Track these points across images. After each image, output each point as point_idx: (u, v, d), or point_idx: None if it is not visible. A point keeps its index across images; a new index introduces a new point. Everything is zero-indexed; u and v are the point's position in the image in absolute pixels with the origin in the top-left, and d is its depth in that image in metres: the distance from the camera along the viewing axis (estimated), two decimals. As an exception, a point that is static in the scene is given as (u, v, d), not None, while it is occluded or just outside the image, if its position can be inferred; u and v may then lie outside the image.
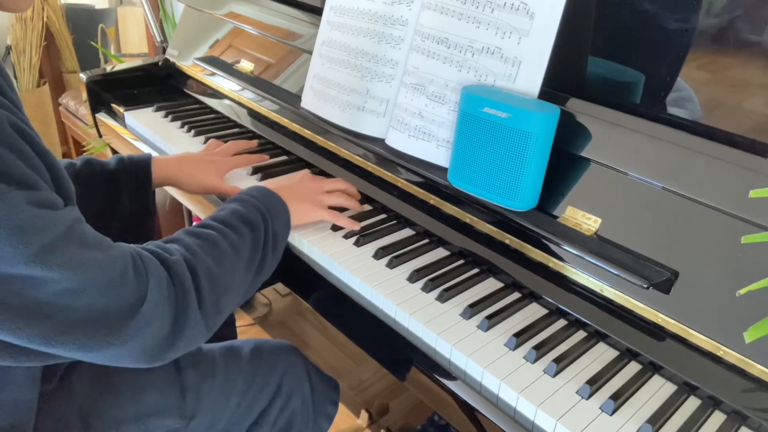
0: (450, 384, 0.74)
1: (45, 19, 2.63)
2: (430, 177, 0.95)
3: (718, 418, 0.67)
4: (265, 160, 1.14)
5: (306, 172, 0.97)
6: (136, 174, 0.99)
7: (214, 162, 1.05)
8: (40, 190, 0.58)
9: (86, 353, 0.62)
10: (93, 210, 0.95)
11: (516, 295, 0.84)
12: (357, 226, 0.94)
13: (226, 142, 1.15)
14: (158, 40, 1.71)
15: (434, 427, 1.43)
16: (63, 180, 0.64)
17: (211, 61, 1.41)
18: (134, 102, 1.42)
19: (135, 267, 0.65)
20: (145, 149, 1.27)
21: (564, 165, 0.84)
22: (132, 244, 0.69)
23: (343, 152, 1.08)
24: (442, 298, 0.81)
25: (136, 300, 0.63)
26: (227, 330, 1.24)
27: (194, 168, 1.03)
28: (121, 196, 0.98)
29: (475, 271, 0.88)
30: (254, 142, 1.20)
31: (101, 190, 0.97)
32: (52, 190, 0.61)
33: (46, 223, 0.57)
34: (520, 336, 0.75)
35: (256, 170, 1.12)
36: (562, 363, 0.71)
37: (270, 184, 0.92)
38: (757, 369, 0.64)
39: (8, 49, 2.65)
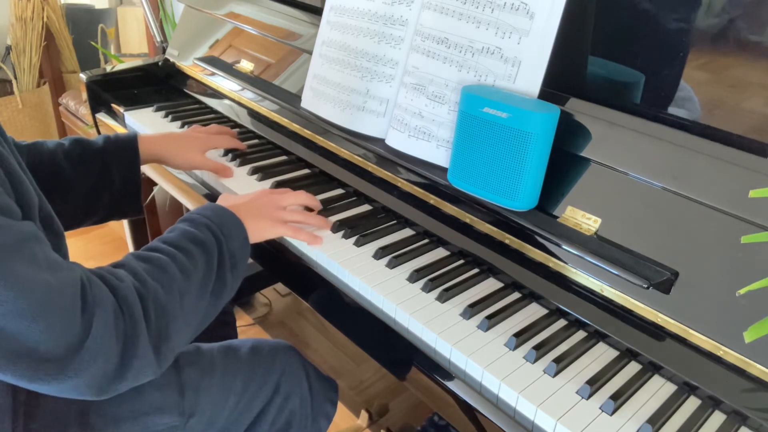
0: (450, 384, 0.74)
1: (45, 19, 2.63)
2: (430, 177, 0.95)
3: (718, 418, 0.67)
4: (242, 146, 1.19)
5: (265, 189, 0.96)
6: (124, 151, 1.01)
7: (197, 139, 1.11)
8: None
9: (28, 383, 0.60)
10: (85, 186, 0.97)
11: (516, 295, 0.84)
12: (319, 241, 0.92)
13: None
14: (158, 40, 1.71)
15: (434, 427, 1.43)
16: (25, 192, 0.63)
17: (211, 61, 1.41)
18: (134, 102, 1.42)
19: (83, 295, 0.62)
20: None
21: (564, 165, 0.84)
22: (81, 268, 0.65)
23: (343, 152, 1.08)
24: (442, 298, 0.81)
25: (82, 332, 0.60)
26: (228, 330, 1.24)
27: (178, 145, 1.09)
28: (111, 173, 1.00)
29: (475, 271, 0.88)
30: (234, 131, 1.24)
31: (92, 168, 0.98)
32: (11, 198, 0.60)
33: None
34: (520, 336, 0.75)
35: (255, 170, 1.12)
36: (562, 363, 0.71)
37: (225, 201, 0.89)
38: (757, 369, 0.64)
39: (8, 49, 2.65)
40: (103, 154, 1.00)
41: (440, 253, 0.93)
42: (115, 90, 1.47)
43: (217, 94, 1.39)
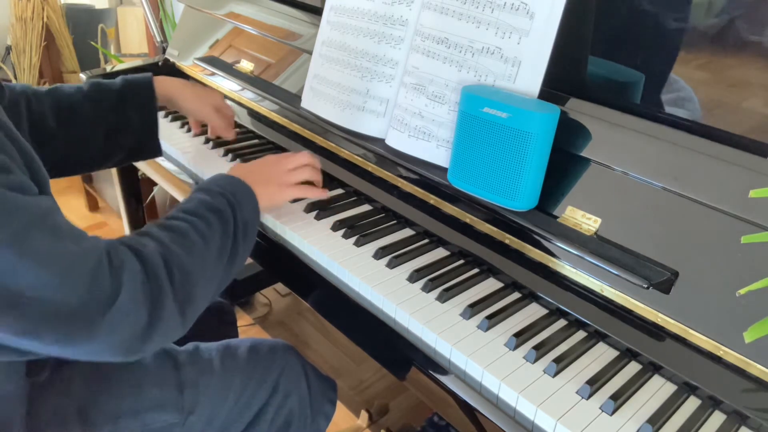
0: (450, 384, 0.74)
1: (45, 19, 2.63)
2: (430, 177, 0.95)
3: (718, 418, 0.67)
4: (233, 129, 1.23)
5: (270, 155, 1.00)
6: (140, 91, 1.05)
7: (212, 96, 1.18)
8: (11, 174, 0.58)
9: (62, 347, 0.62)
10: (104, 127, 1.01)
11: (516, 295, 0.84)
12: (326, 195, 0.98)
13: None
14: (158, 40, 1.71)
15: (434, 427, 1.43)
16: (38, 169, 0.65)
17: (211, 61, 1.41)
18: (134, 102, 1.42)
19: (109, 260, 0.64)
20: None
21: (564, 165, 0.84)
22: (103, 239, 0.68)
23: (343, 152, 1.08)
24: (442, 298, 0.81)
25: (111, 293, 0.63)
26: (228, 330, 1.23)
27: (193, 90, 1.14)
28: (129, 113, 1.03)
29: (475, 271, 0.88)
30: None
31: (111, 108, 1.01)
32: (26, 176, 0.61)
33: (18, 207, 0.57)
34: (520, 336, 0.75)
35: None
36: (562, 363, 0.71)
37: (235, 170, 0.92)
38: (757, 369, 0.64)
39: (8, 49, 2.65)
40: (120, 94, 1.03)
41: (440, 253, 0.93)
42: (115, 90, 1.47)
43: (217, 94, 1.39)
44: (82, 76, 1.45)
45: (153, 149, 1.09)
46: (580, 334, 0.78)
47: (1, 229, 0.55)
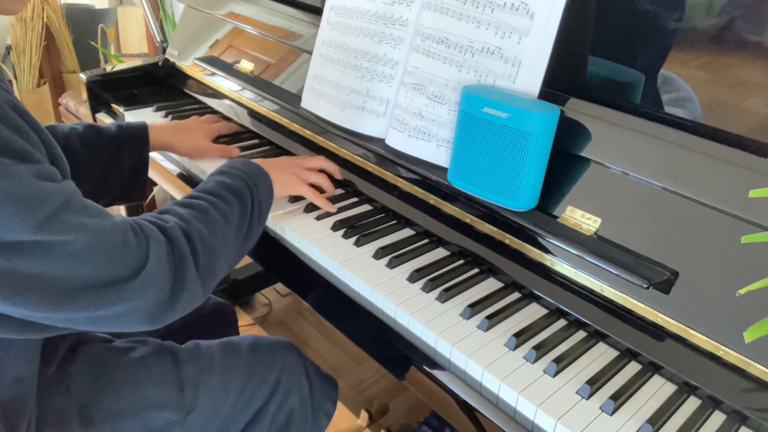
0: (450, 384, 0.74)
1: (45, 19, 2.64)
2: (430, 177, 0.95)
3: (718, 418, 0.67)
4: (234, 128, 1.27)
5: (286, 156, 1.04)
6: (135, 139, 1.06)
7: (201, 128, 1.19)
8: (40, 164, 0.61)
9: (92, 313, 0.64)
10: (96, 170, 1.02)
11: (516, 295, 0.84)
12: (333, 209, 0.99)
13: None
14: (158, 40, 1.71)
15: (434, 427, 1.43)
16: (58, 155, 0.68)
17: (211, 61, 1.41)
18: (134, 102, 1.42)
19: (135, 233, 0.68)
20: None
21: (564, 165, 0.84)
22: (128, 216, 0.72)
23: (343, 152, 1.08)
24: (442, 298, 0.81)
25: (139, 262, 0.67)
26: (230, 331, 1.23)
27: (186, 133, 1.16)
28: (122, 159, 1.04)
29: (475, 271, 0.88)
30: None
31: (104, 153, 1.03)
32: (49, 164, 0.64)
33: (49, 194, 0.60)
34: (520, 336, 0.75)
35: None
36: (562, 363, 0.71)
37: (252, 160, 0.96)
38: (757, 369, 0.64)
39: (8, 49, 2.65)
40: (115, 140, 1.04)
41: (440, 253, 0.93)
42: (115, 90, 1.47)
43: (217, 94, 1.39)
44: (82, 76, 1.45)
45: (139, 195, 1.10)
46: (580, 334, 0.78)
47: (36, 214, 0.58)
